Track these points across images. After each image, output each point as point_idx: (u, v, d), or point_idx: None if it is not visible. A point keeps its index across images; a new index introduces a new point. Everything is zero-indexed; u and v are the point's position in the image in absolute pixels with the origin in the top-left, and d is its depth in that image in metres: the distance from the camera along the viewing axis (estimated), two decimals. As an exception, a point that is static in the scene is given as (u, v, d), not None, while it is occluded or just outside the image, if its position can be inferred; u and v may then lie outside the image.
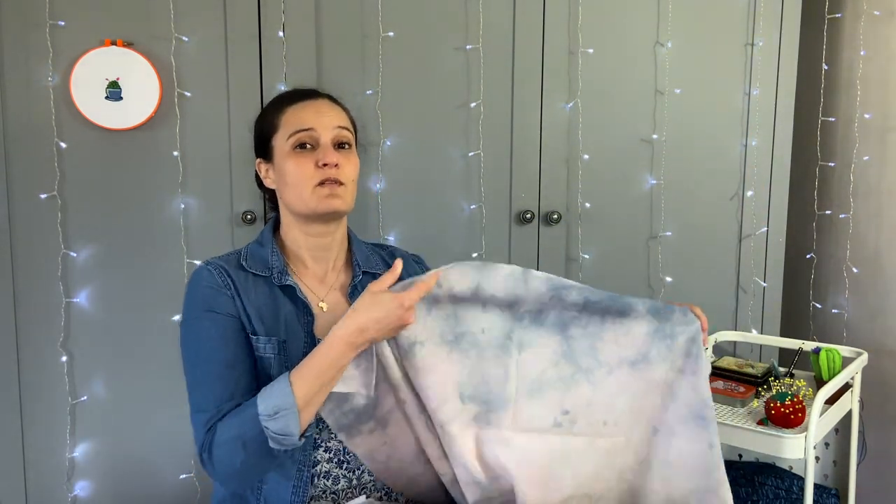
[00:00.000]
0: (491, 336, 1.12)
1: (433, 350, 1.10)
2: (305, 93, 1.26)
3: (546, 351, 1.13)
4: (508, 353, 1.12)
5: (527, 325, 1.13)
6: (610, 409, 1.14)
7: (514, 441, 1.12)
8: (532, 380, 1.13)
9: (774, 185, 2.02)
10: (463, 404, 1.11)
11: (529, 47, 1.86)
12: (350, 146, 1.25)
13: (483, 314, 1.12)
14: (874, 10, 2.06)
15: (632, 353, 1.14)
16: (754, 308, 2.06)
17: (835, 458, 1.90)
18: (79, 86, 1.66)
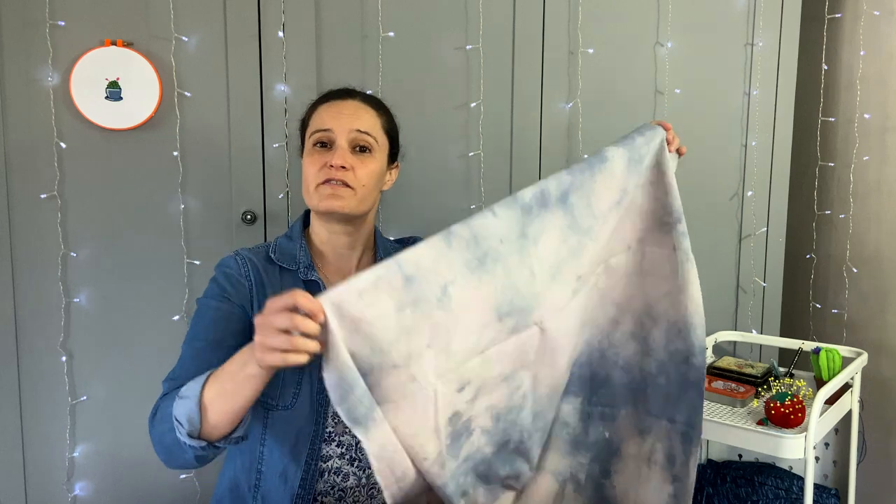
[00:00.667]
0: (510, 243, 1.09)
1: (464, 284, 1.05)
2: (339, 93, 1.29)
3: (555, 232, 1.13)
4: (528, 252, 1.10)
5: (536, 212, 1.11)
6: (610, 253, 1.21)
7: (547, 326, 1.13)
8: (550, 265, 1.13)
9: (774, 185, 2.02)
10: (501, 323, 1.09)
11: (529, 47, 1.86)
12: (370, 151, 1.24)
13: (496, 220, 1.08)
14: (874, 10, 2.06)
15: (617, 193, 1.18)
16: (754, 308, 2.06)
17: (835, 458, 1.90)
18: (79, 86, 1.66)
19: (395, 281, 0.98)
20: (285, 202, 1.79)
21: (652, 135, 1.23)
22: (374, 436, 0.98)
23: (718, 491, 1.90)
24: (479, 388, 1.08)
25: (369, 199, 1.25)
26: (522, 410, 1.15)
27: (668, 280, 1.22)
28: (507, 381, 1.12)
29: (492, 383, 1.10)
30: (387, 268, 0.98)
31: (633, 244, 1.22)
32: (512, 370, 1.12)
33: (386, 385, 0.98)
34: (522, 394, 1.14)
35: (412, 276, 0.99)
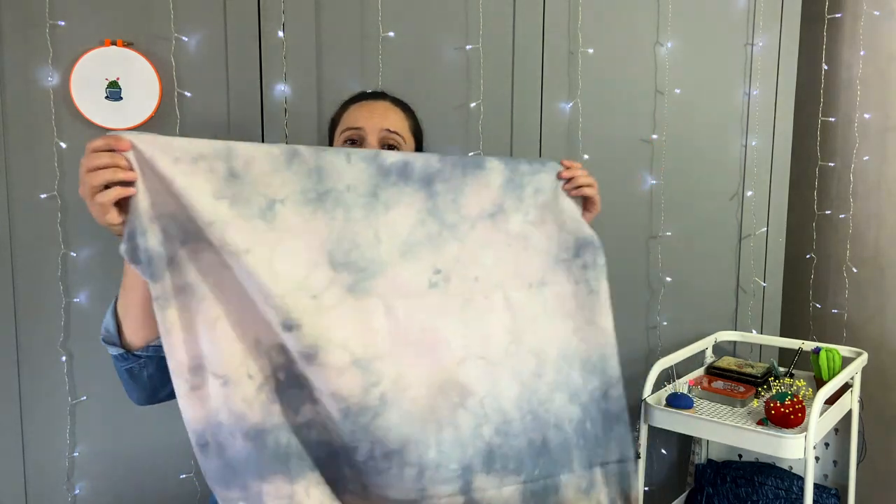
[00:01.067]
0: (357, 195, 1.06)
1: (296, 209, 1.01)
2: (371, 94, 1.35)
3: (411, 210, 1.10)
4: (376, 214, 1.07)
5: (394, 180, 1.08)
6: (478, 264, 1.14)
7: (395, 308, 1.06)
8: (402, 240, 1.09)
9: (774, 185, 2.02)
10: (335, 272, 1.03)
11: (529, 47, 1.86)
12: (398, 150, 1.28)
13: (348, 167, 1.05)
14: (874, 10, 2.06)
15: (490, 205, 1.16)
16: (754, 308, 2.06)
17: (835, 458, 1.90)
18: (79, 86, 1.66)
19: (217, 169, 0.96)
20: (285, 202, 1.79)
21: (540, 168, 1.20)
22: (164, 285, 0.96)
23: (718, 491, 1.90)
24: (317, 346, 0.99)
25: None
26: (378, 418, 1.01)
27: (574, 316, 1.20)
28: (360, 368, 1.01)
29: (334, 352, 1.00)
30: (215, 152, 0.96)
31: (533, 283, 1.18)
32: (363, 351, 1.02)
33: (201, 260, 0.96)
34: (380, 395, 1.02)
35: (238, 174, 0.97)
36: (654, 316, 2.03)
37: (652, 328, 2.04)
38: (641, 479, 1.74)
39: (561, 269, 1.20)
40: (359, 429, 1.00)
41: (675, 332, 2.03)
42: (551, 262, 1.19)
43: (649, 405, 1.67)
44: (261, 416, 1.00)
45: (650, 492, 2.06)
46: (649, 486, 2.06)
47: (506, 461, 1.09)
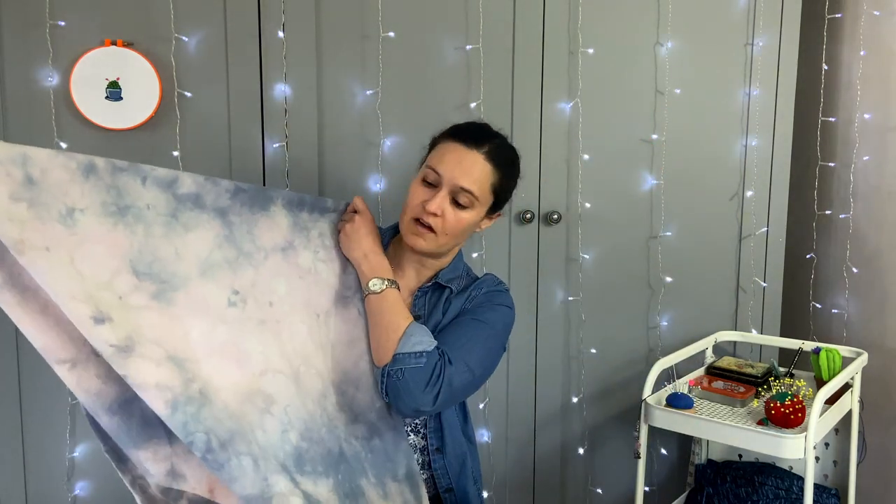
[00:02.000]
0: (157, 213, 1.11)
1: (97, 219, 1.05)
2: (471, 137, 1.29)
3: (210, 234, 1.17)
4: (176, 233, 1.13)
5: (190, 207, 1.16)
6: (272, 291, 1.22)
7: (198, 320, 1.11)
8: (202, 260, 1.15)
9: (774, 185, 2.02)
10: (139, 280, 1.07)
11: (529, 47, 1.86)
12: (469, 206, 1.28)
13: (144, 190, 1.11)
14: (874, 10, 2.06)
15: (281, 240, 1.27)
16: (754, 308, 2.06)
17: (835, 458, 1.90)
18: (79, 86, 1.66)
19: (13, 174, 0.98)
20: (285, 202, 1.79)
21: (319, 217, 1.34)
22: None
23: (718, 491, 1.90)
24: (132, 339, 1.02)
25: (452, 244, 1.33)
26: (204, 408, 1.05)
27: (358, 343, 1.28)
28: (175, 363, 1.04)
29: (148, 346, 1.03)
30: (9, 158, 0.98)
31: (321, 314, 1.28)
32: (175, 351, 1.05)
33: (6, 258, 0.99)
34: (199, 390, 1.06)
35: (34, 181, 1.00)
36: (654, 316, 2.03)
37: (652, 328, 2.04)
38: (641, 479, 1.74)
39: (344, 304, 1.30)
40: (190, 419, 1.02)
41: (675, 332, 2.03)
42: (338, 297, 1.30)
43: (649, 405, 1.67)
44: (118, 388, 1.06)
45: (650, 492, 2.06)
46: (649, 486, 2.06)
47: (314, 464, 1.16)
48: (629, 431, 1.95)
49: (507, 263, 1.92)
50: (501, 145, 1.31)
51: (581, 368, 2.01)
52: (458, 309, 1.32)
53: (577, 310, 1.98)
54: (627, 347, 2.04)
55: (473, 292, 1.34)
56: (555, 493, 2.05)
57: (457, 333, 1.27)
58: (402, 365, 1.20)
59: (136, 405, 1.06)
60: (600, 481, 2.06)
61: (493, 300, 1.34)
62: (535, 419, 2.00)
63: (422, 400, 1.19)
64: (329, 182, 1.82)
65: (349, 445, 1.22)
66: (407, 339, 1.21)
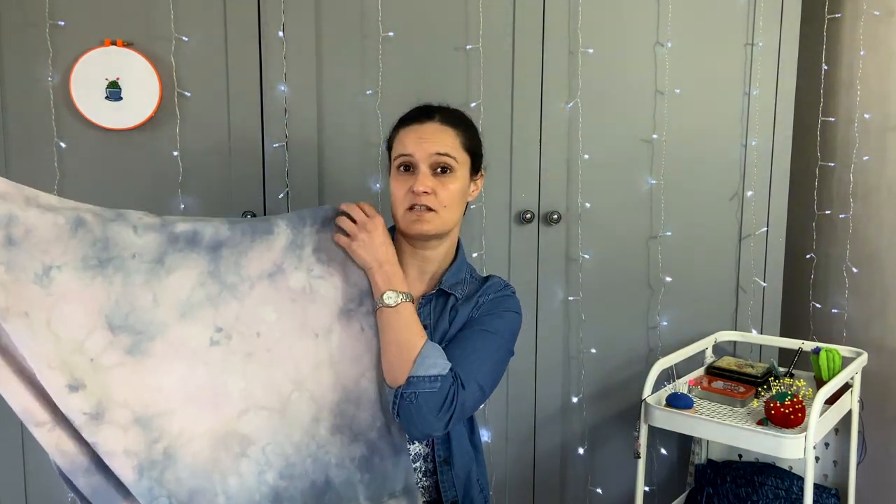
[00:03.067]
0: (141, 261, 1.12)
1: (74, 275, 1.06)
2: (419, 114, 1.32)
3: (193, 273, 1.16)
4: (158, 278, 1.13)
5: (181, 247, 1.16)
6: (259, 321, 1.20)
7: (175, 367, 1.12)
8: (182, 302, 1.15)
9: (774, 185, 2.02)
10: (114, 335, 1.08)
11: (529, 47, 1.86)
12: (451, 170, 1.28)
13: (136, 237, 1.12)
14: (874, 10, 2.06)
15: (269, 265, 1.23)
16: (754, 308, 2.06)
17: (835, 458, 1.90)
18: (79, 86, 1.66)
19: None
20: (285, 202, 1.79)
21: (320, 228, 1.29)
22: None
23: (718, 491, 1.90)
24: (103, 406, 1.05)
25: (454, 217, 1.31)
26: (167, 471, 1.08)
27: (361, 360, 1.26)
28: (141, 425, 1.07)
29: (117, 411, 1.06)
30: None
31: (320, 333, 1.24)
32: (143, 409, 1.08)
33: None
34: (163, 450, 1.08)
35: (14, 241, 1.02)
36: (654, 316, 2.03)
37: (652, 328, 2.04)
38: (641, 479, 1.74)
39: (348, 318, 1.27)
40: (154, 483, 1.06)
41: (675, 332, 2.03)
42: (340, 312, 1.27)
43: (649, 405, 1.67)
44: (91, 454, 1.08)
45: (650, 492, 2.06)
46: (649, 486, 2.06)
47: (293, 501, 1.16)
48: (629, 431, 1.95)
49: (507, 263, 1.92)
50: (448, 109, 1.35)
51: (581, 368, 2.01)
52: (465, 317, 1.31)
53: (577, 310, 1.97)
54: (627, 347, 2.04)
55: (480, 299, 1.32)
56: (555, 493, 2.05)
57: (466, 348, 1.25)
58: (417, 388, 1.18)
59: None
60: (600, 481, 2.06)
61: (500, 306, 1.33)
62: (535, 419, 2.00)
63: (434, 425, 1.19)
64: (329, 182, 1.82)
65: (340, 471, 1.22)
66: (422, 360, 1.19)
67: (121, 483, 1.07)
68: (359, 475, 1.23)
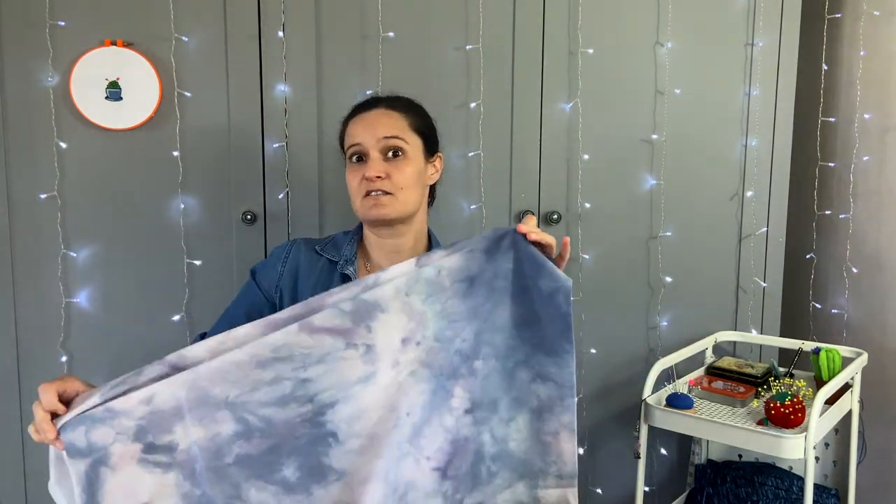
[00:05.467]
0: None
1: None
2: (363, 105, 1.35)
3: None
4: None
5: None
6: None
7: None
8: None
9: (774, 185, 2.02)
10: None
11: (529, 47, 1.86)
12: (403, 153, 1.29)
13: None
14: (874, 10, 2.06)
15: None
16: (754, 308, 2.06)
17: (835, 458, 1.90)
18: (79, 86, 1.66)
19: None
20: (285, 202, 1.79)
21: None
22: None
23: (718, 491, 1.90)
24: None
25: (413, 199, 1.31)
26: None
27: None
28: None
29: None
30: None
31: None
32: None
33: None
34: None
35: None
36: (654, 316, 2.03)
37: (652, 328, 2.04)
38: (641, 479, 1.74)
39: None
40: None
41: (675, 332, 2.03)
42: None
43: (649, 405, 1.67)
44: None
45: (650, 492, 2.06)
46: (649, 486, 2.06)
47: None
48: (629, 431, 1.95)
49: (507, 263, 1.91)
50: (394, 97, 1.36)
51: (581, 368, 2.01)
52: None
53: (577, 310, 1.97)
54: (627, 347, 2.04)
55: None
56: (555, 493, 2.05)
57: None
58: None
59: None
60: (600, 481, 2.06)
61: None
62: (535, 419, 2.00)
63: None
64: (329, 182, 1.82)
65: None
66: None
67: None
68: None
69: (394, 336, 1.05)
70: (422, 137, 1.33)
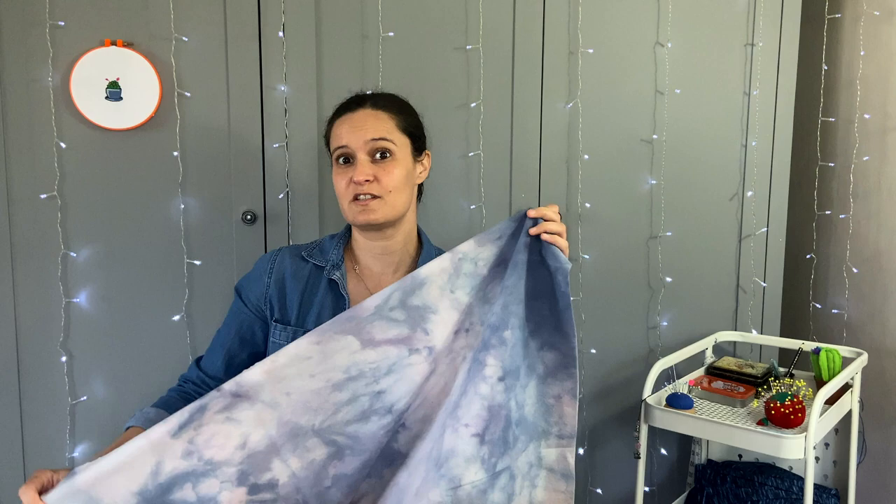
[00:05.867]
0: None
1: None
2: (348, 105, 1.31)
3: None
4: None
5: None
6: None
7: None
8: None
9: (774, 185, 2.02)
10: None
11: (529, 47, 1.86)
12: (390, 154, 1.26)
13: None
14: (874, 10, 2.06)
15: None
16: (754, 308, 2.06)
17: (835, 458, 1.90)
18: (79, 86, 1.66)
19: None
20: (285, 202, 1.79)
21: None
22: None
23: (718, 491, 1.90)
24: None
25: (401, 201, 1.28)
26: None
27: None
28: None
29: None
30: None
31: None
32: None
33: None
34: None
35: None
36: (654, 316, 2.03)
37: (652, 328, 2.04)
38: (641, 479, 1.74)
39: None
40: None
41: (675, 332, 2.03)
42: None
43: (649, 405, 1.67)
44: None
45: (650, 492, 2.06)
46: (649, 486, 2.06)
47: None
48: (629, 431, 1.95)
49: (507, 263, 1.92)
50: (380, 94, 1.33)
51: (581, 368, 2.01)
52: None
53: (577, 310, 1.97)
54: (627, 347, 2.04)
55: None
56: (555, 493, 2.05)
57: None
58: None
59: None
60: (600, 481, 2.06)
61: None
62: (535, 419, 2.00)
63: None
64: (329, 182, 1.81)
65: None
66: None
67: None
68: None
69: (448, 331, 1.13)
70: (409, 137, 1.31)
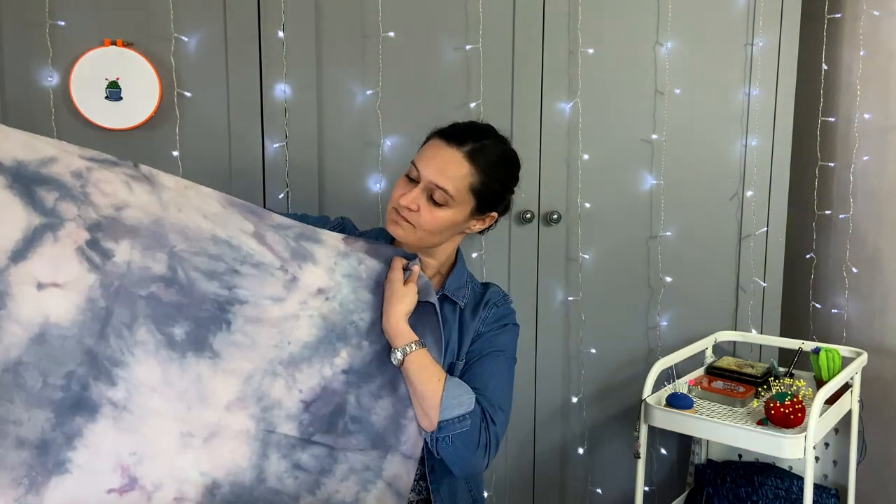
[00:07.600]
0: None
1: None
2: (454, 135, 1.28)
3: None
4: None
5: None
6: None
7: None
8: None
9: (774, 185, 2.02)
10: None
11: (529, 47, 1.86)
12: (443, 205, 1.26)
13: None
14: (874, 10, 2.06)
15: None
16: (754, 308, 2.06)
17: (835, 458, 1.90)
18: (79, 86, 1.66)
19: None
20: (285, 202, 1.79)
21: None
22: None
23: (718, 491, 1.90)
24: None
25: (433, 241, 1.31)
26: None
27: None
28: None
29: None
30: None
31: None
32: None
33: None
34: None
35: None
36: (654, 316, 2.03)
37: (652, 328, 2.04)
38: (641, 479, 1.74)
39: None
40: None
41: (675, 332, 2.03)
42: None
43: (649, 405, 1.67)
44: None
45: (650, 492, 2.06)
46: (649, 486, 2.06)
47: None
48: (629, 431, 1.95)
49: (507, 263, 1.92)
50: (488, 146, 1.27)
51: (581, 368, 2.01)
52: (473, 332, 1.33)
53: (577, 310, 1.98)
54: (627, 347, 2.04)
55: (483, 313, 1.35)
56: (555, 493, 2.05)
57: (483, 377, 1.28)
58: (449, 432, 1.21)
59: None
60: (600, 481, 2.06)
61: (503, 320, 1.36)
62: (535, 419, 2.00)
63: (476, 462, 1.23)
64: (329, 182, 1.82)
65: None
66: (446, 403, 1.21)
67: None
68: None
69: (314, 282, 1.25)
70: (476, 198, 1.28)
